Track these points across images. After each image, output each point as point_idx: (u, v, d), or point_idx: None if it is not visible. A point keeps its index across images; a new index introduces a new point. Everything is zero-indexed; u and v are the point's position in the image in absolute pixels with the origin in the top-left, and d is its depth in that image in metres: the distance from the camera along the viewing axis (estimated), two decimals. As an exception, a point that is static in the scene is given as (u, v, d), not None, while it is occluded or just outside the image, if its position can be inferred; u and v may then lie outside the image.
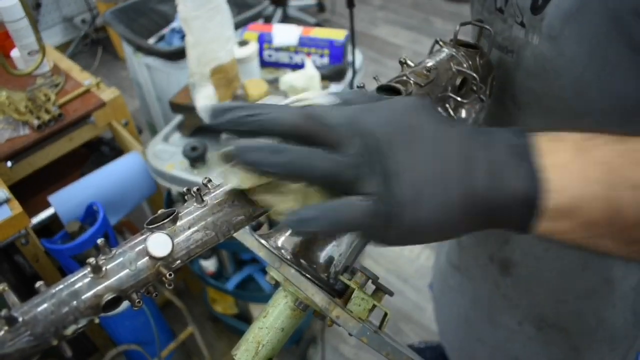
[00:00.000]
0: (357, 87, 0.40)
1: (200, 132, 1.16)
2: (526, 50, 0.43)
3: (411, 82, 0.40)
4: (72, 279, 0.25)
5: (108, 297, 0.24)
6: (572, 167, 0.26)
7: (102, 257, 0.26)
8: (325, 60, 1.27)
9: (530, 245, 0.55)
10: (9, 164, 1.02)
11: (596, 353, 0.58)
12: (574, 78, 0.40)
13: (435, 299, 0.83)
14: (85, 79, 1.17)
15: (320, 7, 3.10)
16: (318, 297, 0.38)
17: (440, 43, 0.47)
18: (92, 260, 0.25)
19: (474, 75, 0.43)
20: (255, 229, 0.44)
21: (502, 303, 0.61)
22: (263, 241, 0.41)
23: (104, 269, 0.25)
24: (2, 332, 0.22)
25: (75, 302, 0.24)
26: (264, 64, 1.30)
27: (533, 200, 0.26)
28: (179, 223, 0.28)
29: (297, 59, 1.28)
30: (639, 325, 0.57)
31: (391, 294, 0.41)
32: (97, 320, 0.25)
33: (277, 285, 0.42)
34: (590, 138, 0.28)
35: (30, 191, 1.13)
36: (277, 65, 1.31)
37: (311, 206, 0.26)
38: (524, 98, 0.46)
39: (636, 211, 0.26)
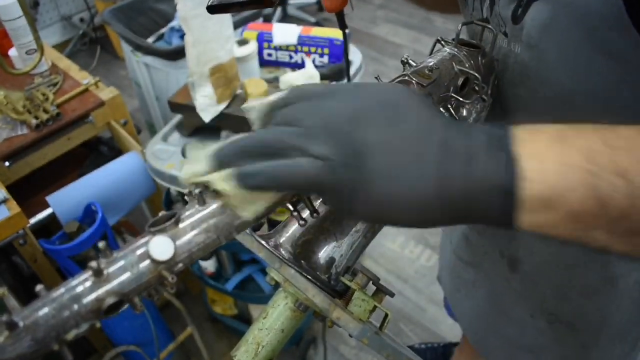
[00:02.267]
0: (359, 87, 0.40)
1: (200, 131, 1.16)
2: (510, 58, 0.45)
3: (413, 82, 0.40)
4: (73, 283, 0.25)
5: (110, 301, 0.24)
6: (550, 154, 0.25)
7: (104, 261, 0.26)
8: (325, 59, 1.27)
9: (532, 242, 0.56)
10: (7, 163, 1.02)
11: (603, 350, 0.59)
12: (556, 84, 0.42)
13: (449, 295, 0.84)
14: (84, 78, 1.16)
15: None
16: (318, 298, 0.38)
17: (442, 42, 0.47)
18: (93, 263, 0.24)
19: (476, 75, 0.43)
20: (255, 229, 0.44)
21: (514, 297, 0.62)
22: (263, 242, 0.41)
23: (105, 272, 0.25)
24: (3, 338, 0.22)
25: (76, 306, 0.24)
26: (264, 63, 1.30)
27: (510, 189, 0.25)
28: (180, 225, 0.28)
29: (297, 58, 1.27)
30: None
31: (392, 294, 0.41)
32: (98, 325, 0.25)
33: (277, 286, 0.42)
34: (572, 127, 0.27)
35: (28, 191, 1.13)
36: (277, 65, 1.30)
37: (257, 163, 0.27)
38: (512, 105, 0.48)
39: (623, 199, 0.24)
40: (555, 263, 0.55)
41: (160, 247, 0.26)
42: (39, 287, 0.24)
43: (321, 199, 0.35)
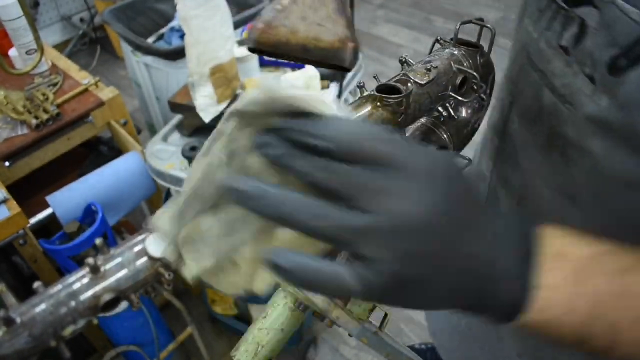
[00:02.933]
0: (358, 86, 0.40)
1: (200, 131, 1.16)
2: (588, 107, 0.35)
3: (411, 81, 0.40)
4: (71, 280, 0.25)
5: (106, 297, 0.24)
6: (563, 291, 0.27)
7: (101, 258, 0.26)
8: (325, 59, 1.27)
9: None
10: (7, 163, 1.02)
11: None
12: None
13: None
14: (84, 78, 1.16)
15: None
16: (318, 298, 0.38)
17: (441, 42, 0.47)
18: (90, 260, 0.24)
19: (475, 74, 0.43)
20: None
21: (505, 332, 0.59)
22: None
23: (102, 269, 0.25)
24: (0, 333, 0.22)
25: (73, 303, 0.24)
26: (264, 63, 1.30)
27: (517, 309, 0.27)
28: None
29: (297, 58, 1.28)
30: None
31: (392, 294, 0.41)
32: (95, 321, 0.25)
33: (276, 286, 0.42)
34: (596, 260, 0.28)
35: (28, 191, 1.13)
36: (277, 65, 1.30)
37: (300, 254, 0.24)
38: (575, 155, 0.39)
39: (605, 343, 0.27)
40: None
41: (157, 244, 0.26)
42: (36, 284, 0.24)
43: None
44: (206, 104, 1.06)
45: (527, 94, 0.42)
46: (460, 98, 0.42)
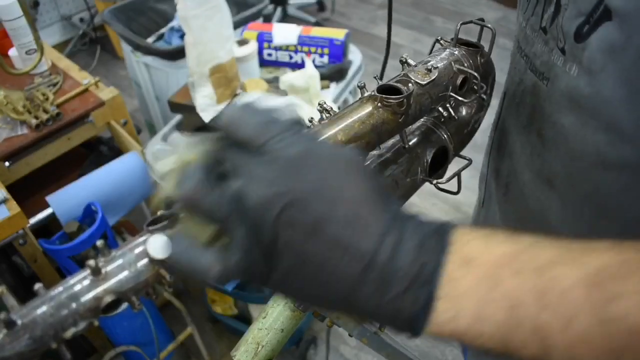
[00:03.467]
0: (358, 86, 0.40)
1: (200, 131, 1.16)
2: (561, 80, 0.39)
3: (412, 81, 0.40)
4: (72, 282, 0.25)
5: (108, 299, 0.24)
6: (471, 299, 0.24)
7: (102, 259, 0.26)
8: (325, 59, 1.27)
9: None
10: (7, 163, 1.02)
11: None
12: (611, 121, 0.35)
13: None
14: (84, 78, 1.16)
15: (320, 6, 3.09)
16: (319, 298, 0.38)
17: (441, 42, 0.47)
18: (91, 262, 0.24)
19: (475, 74, 0.43)
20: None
21: None
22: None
23: (103, 271, 0.25)
24: (1, 336, 0.22)
25: (74, 305, 0.24)
26: (264, 63, 1.30)
27: (416, 322, 0.25)
28: (179, 225, 0.28)
29: (297, 58, 1.27)
30: None
31: (392, 294, 0.41)
32: (96, 323, 0.25)
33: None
34: (511, 260, 0.24)
35: (28, 191, 1.13)
36: (277, 65, 1.30)
37: (185, 244, 0.25)
38: (551, 133, 0.42)
39: (534, 352, 0.24)
40: None
41: (158, 246, 0.26)
42: (37, 286, 0.24)
43: None
44: (206, 104, 1.06)
45: (515, 79, 0.46)
46: (460, 98, 0.42)
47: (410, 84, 0.39)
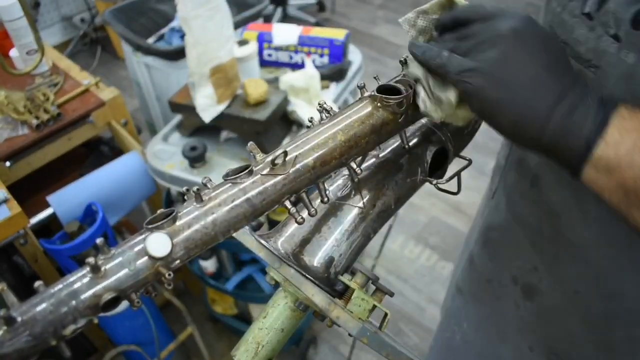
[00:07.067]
0: (358, 86, 0.40)
1: (200, 131, 1.16)
2: (615, 68, 0.38)
3: (412, 82, 0.40)
4: (71, 279, 0.25)
5: (107, 297, 0.24)
6: (632, 135, 0.31)
7: (101, 257, 0.26)
8: (325, 59, 1.27)
9: (561, 282, 0.52)
10: (8, 163, 1.02)
11: None
12: None
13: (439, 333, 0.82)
14: (85, 78, 1.16)
15: (320, 6, 3.10)
16: (318, 298, 0.38)
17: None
18: (91, 260, 0.24)
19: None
20: (255, 229, 0.44)
21: (518, 323, 0.59)
22: (263, 241, 0.41)
23: (103, 268, 0.25)
24: (1, 332, 0.22)
25: (74, 302, 0.24)
26: (264, 63, 1.30)
27: (591, 142, 0.32)
28: (178, 223, 0.28)
29: (297, 58, 1.28)
30: None
31: (391, 294, 0.41)
32: (95, 321, 0.25)
33: (277, 285, 0.42)
34: None
35: (29, 191, 1.13)
36: (277, 65, 1.30)
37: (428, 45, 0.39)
38: None
39: None
40: (578, 311, 0.51)
41: (158, 244, 0.26)
42: (37, 283, 0.24)
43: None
44: (206, 104, 1.06)
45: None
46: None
47: (410, 85, 0.39)
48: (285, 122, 1.16)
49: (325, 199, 0.37)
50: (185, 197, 0.31)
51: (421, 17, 0.41)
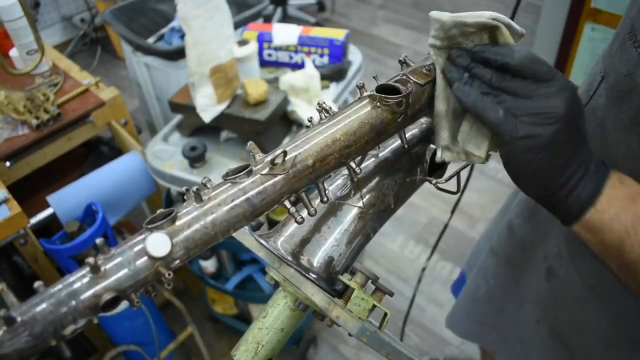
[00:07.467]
0: (357, 86, 0.40)
1: (200, 131, 1.16)
2: None
3: (411, 81, 0.40)
4: (71, 279, 0.25)
5: (107, 297, 0.24)
6: (617, 204, 0.37)
7: (101, 257, 0.26)
8: (325, 59, 1.27)
9: (579, 274, 0.54)
10: (8, 163, 1.02)
11: None
12: None
13: (463, 275, 0.88)
14: (85, 78, 1.16)
15: (320, 7, 3.10)
16: (318, 297, 0.38)
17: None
18: (90, 260, 0.24)
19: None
20: (255, 229, 0.44)
21: (535, 297, 0.63)
22: (263, 241, 0.41)
23: (102, 268, 0.25)
24: (1, 332, 0.22)
25: (73, 302, 0.24)
26: (264, 63, 1.30)
27: (586, 205, 0.38)
28: (177, 223, 0.28)
29: (297, 58, 1.28)
30: None
31: (391, 294, 0.41)
32: (95, 321, 0.25)
33: (276, 285, 0.42)
34: None
35: (29, 191, 1.13)
36: (277, 65, 1.30)
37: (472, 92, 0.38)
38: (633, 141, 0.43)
39: (634, 257, 0.37)
40: (591, 306, 0.53)
41: (157, 244, 0.26)
42: (37, 284, 0.24)
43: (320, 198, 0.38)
44: (206, 104, 1.06)
45: (621, 71, 0.44)
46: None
47: (409, 84, 0.39)
48: (285, 122, 1.16)
49: (325, 199, 0.37)
50: (185, 197, 0.31)
51: (457, 28, 0.38)
